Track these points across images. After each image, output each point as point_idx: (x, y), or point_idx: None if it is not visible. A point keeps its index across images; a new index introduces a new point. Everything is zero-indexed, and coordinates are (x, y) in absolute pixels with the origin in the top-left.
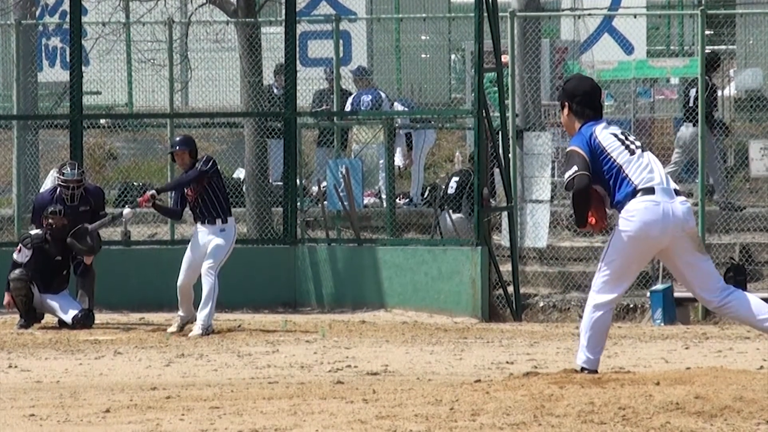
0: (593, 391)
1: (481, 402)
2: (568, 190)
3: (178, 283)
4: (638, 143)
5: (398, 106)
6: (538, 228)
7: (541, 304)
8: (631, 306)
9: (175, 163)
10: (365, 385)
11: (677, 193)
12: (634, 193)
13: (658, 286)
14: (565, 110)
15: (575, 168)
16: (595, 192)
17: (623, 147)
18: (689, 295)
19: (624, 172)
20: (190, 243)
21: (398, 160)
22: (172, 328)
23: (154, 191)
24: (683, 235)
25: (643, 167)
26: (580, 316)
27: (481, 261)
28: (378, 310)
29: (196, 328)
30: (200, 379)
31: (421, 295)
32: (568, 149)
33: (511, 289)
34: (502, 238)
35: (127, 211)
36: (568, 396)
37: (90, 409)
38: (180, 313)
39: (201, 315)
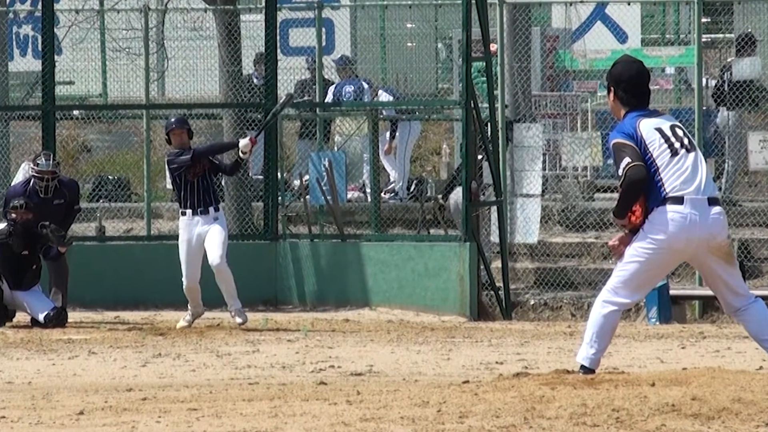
0: (586, 393)
1: (469, 404)
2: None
3: (186, 284)
4: (686, 140)
5: (383, 95)
6: (528, 223)
7: (532, 302)
8: None
9: (170, 145)
10: (349, 386)
11: (713, 202)
12: (663, 200)
13: None
14: (611, 95)
15: (628, 159)
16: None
17: (666, 146)
18: (685, 292)
19: (660, 174)
20: (183, 240)
21: (389, 169)
22: (182, 324)
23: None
24: (710, 246)
25: (680, 172)
26: (573, 315)
27: (470, 257)
28: (362, 308)
29: (239, 319)
30: (178, 379)
31: (407, 292)
32: (613, 142)
33: (500, 286)
34: (491, 234)
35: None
36: (560, 397)
37: (63, 411)
38: (190, 309)
39: (236, 308)
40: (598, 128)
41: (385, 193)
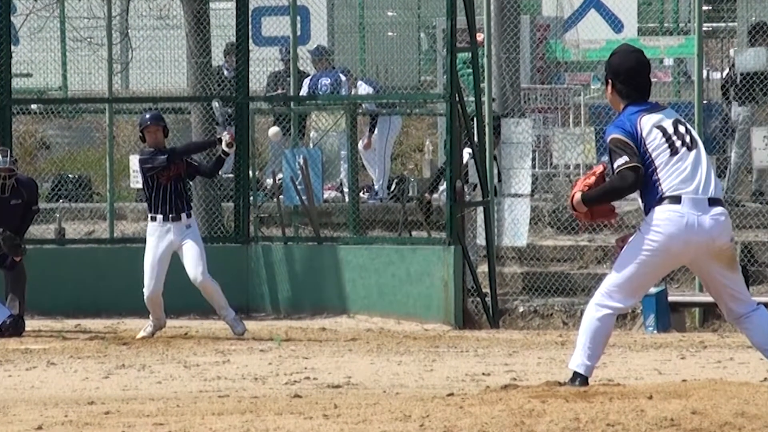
0: (579, 406)
1: (454, 418)
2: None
3: (147, 295)
4: (687, 138)
5: (362, 86)
6: (517, 225)
7: (521, 310)
8: None
9: (144, 143)
10: (326, 399)
11: (715, 203)
12: (660, 200)
13: (651, 290)
14: (609, 88)
15: (625, 158)
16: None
17: (666, 144)
18: (685, 299)
19: (657, 174)
20: (150, 246)
21: (369, 168)
22: (143, 334)
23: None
24: (710, 250)
25: (680, 171)
26: (564, 323)
27: (454, 261)
28: (340, 316)
29: (237, 329)
30: (143, 392)
31: (387, 299)
32: (610, 137)
33: (487, 292)
34: (477, 237)
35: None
36: (551, 411)
37: (20, 426)
38: (151, 320)
39: (230, 317)
40: (591, 123)
41: (363, 193)
